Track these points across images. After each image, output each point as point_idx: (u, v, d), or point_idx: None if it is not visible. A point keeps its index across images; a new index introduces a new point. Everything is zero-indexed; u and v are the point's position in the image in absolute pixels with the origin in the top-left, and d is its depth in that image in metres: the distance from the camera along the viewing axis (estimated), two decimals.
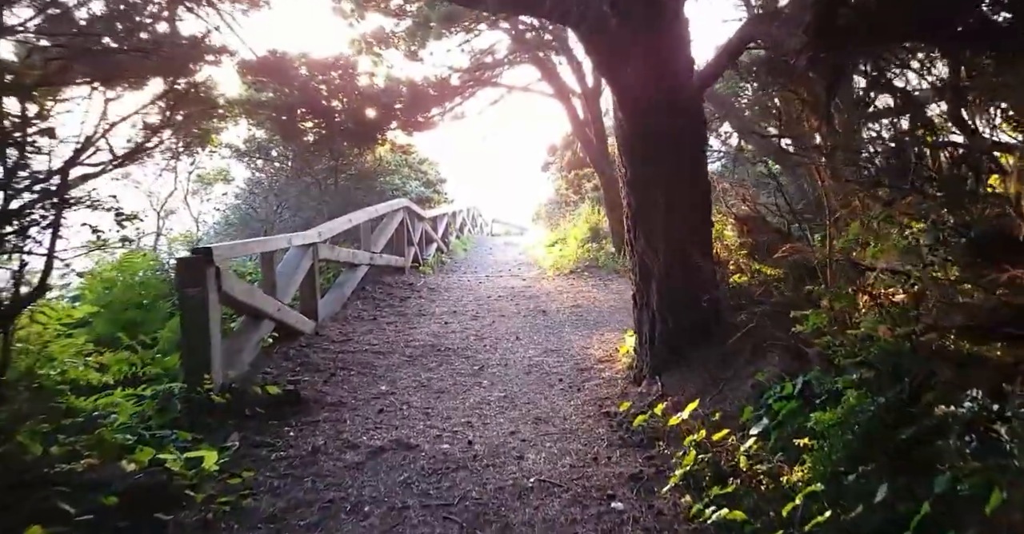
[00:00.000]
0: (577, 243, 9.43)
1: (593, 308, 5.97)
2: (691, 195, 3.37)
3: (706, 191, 3.43)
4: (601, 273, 7.95)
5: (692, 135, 3.32)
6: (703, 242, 3.48)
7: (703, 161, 3.41)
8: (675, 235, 3.38)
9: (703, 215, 3.46)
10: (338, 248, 5.74)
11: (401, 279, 7.73)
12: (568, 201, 14.24)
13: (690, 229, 3.41)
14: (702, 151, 3.42)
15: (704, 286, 3.47)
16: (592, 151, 8.39)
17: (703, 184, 3.41)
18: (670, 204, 3.35)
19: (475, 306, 6.27)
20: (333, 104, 7.77)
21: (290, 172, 7.67)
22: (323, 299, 5.40)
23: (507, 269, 10.86)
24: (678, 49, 3.14)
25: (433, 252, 10.81)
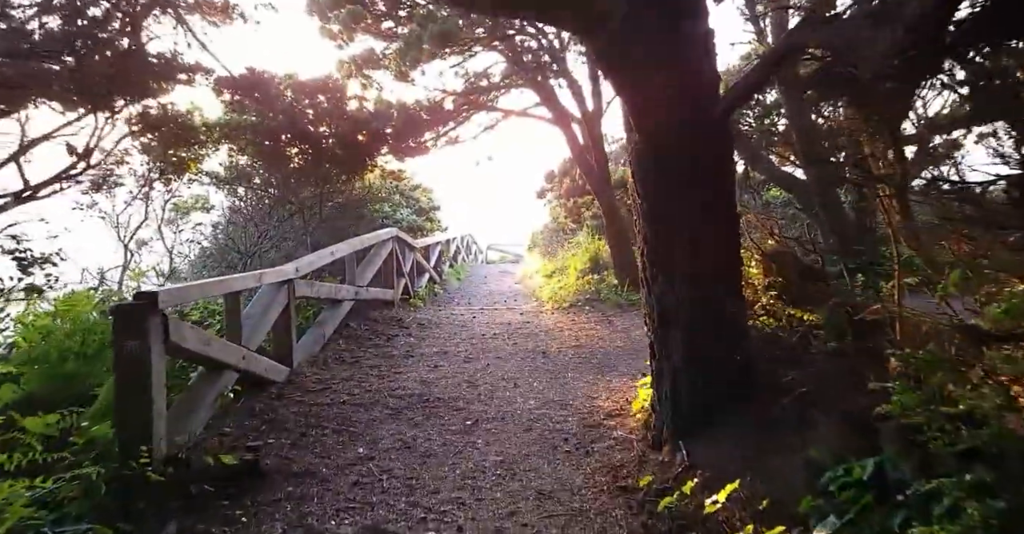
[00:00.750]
0: (577, 274, 9.02)
1: (597, 348, 5.50)
2: (719, 230, 2.96)
3: (735, 226, 3.03)
4: (604, 307, 7.50)
5: (720, 161, 2.94)
6: (732, 285, 3.06)
7: (732, 191, 3.02)
8: (701, 276, 2.96)
9: (732, 254, 3.05)
10: (318, 284, 5.29)
11: (389, 314, 7.26)
12: (566, 229, 13.91)
13: (718, 270, 2.99)
14: (731, 180, 3.03)
15: (735, 336, 3.04)
16: (593, 178, 8.06)
17: (732, 218, 3.00)
18: (695, 240, 2.94)
19: (468, 345, 5.80)
20: (320, 129, 7.43)
21: (272, 200, 7.28)
22: (300, 341, 4.92)
23: (503, 300, 10.41)
24: (703, 64, 2.79)
25: (425, 283, 10.37)
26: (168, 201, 6.86)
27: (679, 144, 2.85)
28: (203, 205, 7.04)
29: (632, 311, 7.10)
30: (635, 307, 7.28)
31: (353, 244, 6.25)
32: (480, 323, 7.08)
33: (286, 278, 4.37)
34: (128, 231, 6.55)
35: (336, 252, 5.62)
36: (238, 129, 6.45)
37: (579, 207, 11.32)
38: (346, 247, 5.99)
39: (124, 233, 6.53)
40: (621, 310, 7.20)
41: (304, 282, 4.87)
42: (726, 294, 3.04)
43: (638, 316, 6.86)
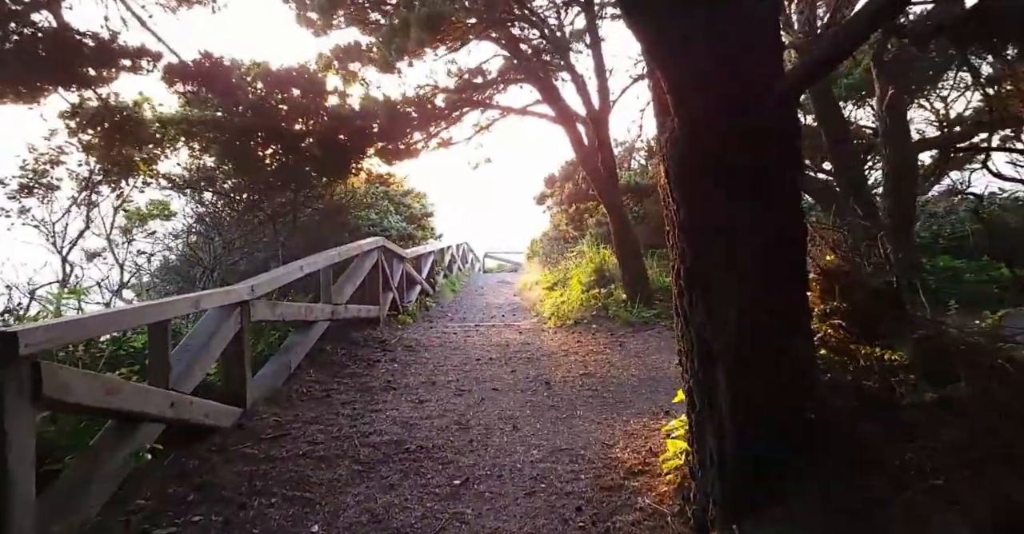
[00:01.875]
0: (581, 287, 8.34)
1: (610, 378, 4.80)
2: (781, 246, 2.28)
3: (801, 241, 2.34)
4: (612, 326, 6.81)
5: (782, 157, 2.26)
6: (797, 315, 2.38)
7: (798, 197, 2.35)
8: (757, 304, 2.28)
9: (796, 276, 2.37)
10: (284, 304, 4.60)
11: (373, 334, 6.56)
12: (567, 237, 13.25)
13: (778, 296, 2.31)
14: (795, 180, 2.35)
15: (802, 382, 2.35)
16: (599, 182, 7.40)
17: (797, 231, 2.32)
18: (749, 258, 2.26)
19: (460, 373, 5.10)
20: (296, 127, 6.77)
21: (241, 207, 6.61)
22: (258, 374, 4.23)
23: (500, 315, 9.72)
24: (767, 30, 2.13)
25: (416, 296, 9.68)
26: (119, 207, 6.18)
27: (731, 134, 2.18)
28: (163, 212, 6.37)
29: (645, 331, 6.42)
30: (648, 326, 6.60)
31: (329, 256, 5.56)
32: (475, 344, 6.38)
33: (237, 300, 3.68)
34: (68, 241, 5.85)
35: (307, 266, 4.93)
36: (199, 126, 5.78)
37: (582, 213, 10.66)
38: (320, 260, 5.30)
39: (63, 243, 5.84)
40: (633, 330, 6.51)
41: (264, 303, 4.18)
42: (789, 327, 2.36)
43: (653, 337, 6.19)
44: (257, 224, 6.57)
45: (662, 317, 6.78)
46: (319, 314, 5.27)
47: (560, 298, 8.55)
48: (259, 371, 4.33)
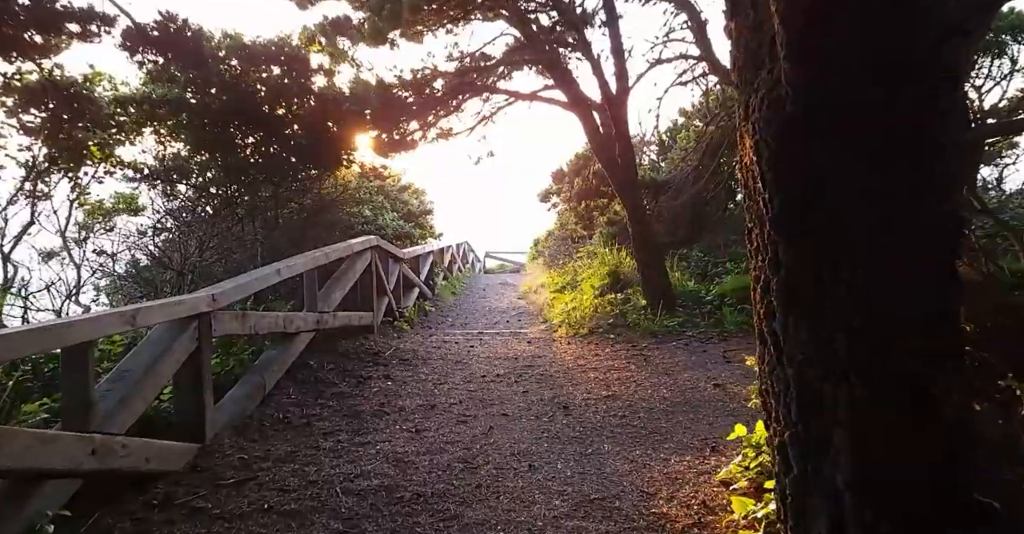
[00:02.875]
0: (594, 292, 7.69)
1: (638, 401, 4.16)
2: (924, 251, 1.64)
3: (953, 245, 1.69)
4: (632, 336, 6.17)
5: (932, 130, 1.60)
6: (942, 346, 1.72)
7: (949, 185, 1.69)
8: (889, 332, 1.64)
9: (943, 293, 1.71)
10: (256, 314, 3.95)
11: (365, 345, 5.93)
12: (574, 236, 12.61)
13: (918, 320, 1.66)
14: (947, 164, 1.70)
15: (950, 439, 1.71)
16: (616, 175, 6.75)
17: (948, 231, 1.67)
18: (879, 269, 1.62)
19: (464, 394, 4.45)
20: (278, 111, 6.12)
21: (217, 201, 5.95)
22: (224, 398, 3.59)
23: (505, 321, 9.09)
24: None
25: (414, 300, 9.04)
26: (76, 200, 5.52)
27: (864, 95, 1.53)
28: (129, 206, 5.72)
29: (670, 342, 5.77)
30: (673, 336, 5.96)
31: (314, 258, 4.92)
32: (479, 356, 5.74)
33: (193, 313, 3.03)
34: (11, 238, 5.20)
35: (287, 269, 4.28)
36: (165, 107, 5.13)
37: (591, 211, 10.02)
38: (303, 262, 4.66)
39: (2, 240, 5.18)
40: (656, 341, 5.86)
41: (231, 315, 3.53)
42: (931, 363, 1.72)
43: (681, 350, 5.53)
44: (235, 221, 5.93)
45: (688, 326, 6.14)
46: (301, 324, 4.62)
47: (571, 303, 7.91)
48: (227, 394, 3.68)
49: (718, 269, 7.57)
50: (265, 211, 6.16)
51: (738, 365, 4.79)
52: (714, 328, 5.99)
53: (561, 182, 10.76)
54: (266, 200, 6.20)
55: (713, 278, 7.31)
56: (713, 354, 5.19)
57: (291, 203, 6.73)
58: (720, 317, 6.17)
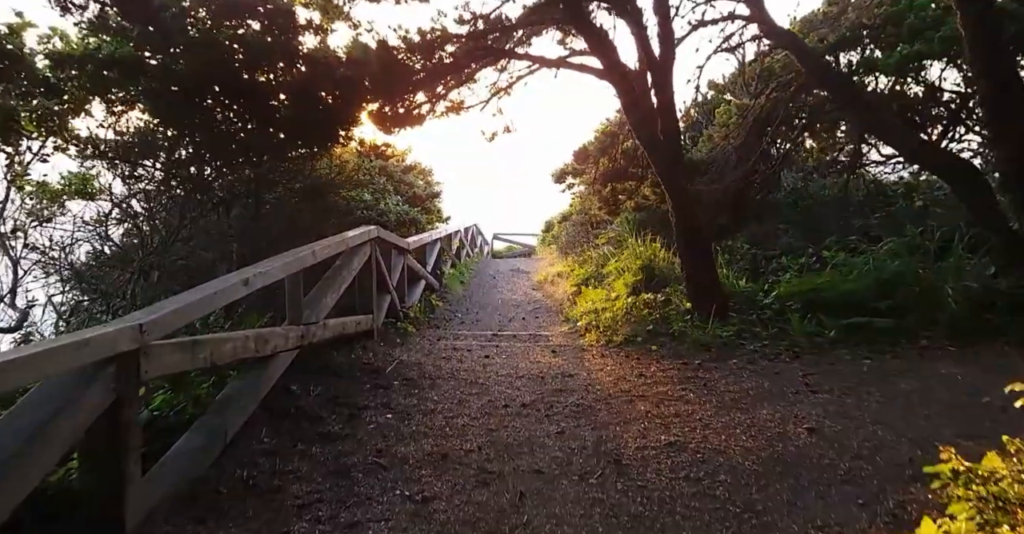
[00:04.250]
0: (627, 289, 6.70)
1: (711, 452, 3.19)
2: None
3: None
4: (679, 349, 5.20)
5: None
6: None
7: None
8: None
9: None
10: (214, 339, 2.99)
11: (363, 358, 5.03)
12: (594, 221, 11.57)
13: None
14: None
15: None
16: (658, 152, 5.71)
17: None
18: None
19: (482, 434, 3.52)
20: (259, 77, 5.10)
21: (189, 186, 4.95)
22: (163, 460, 2.66)
23: (520, 318, 8.15)
24: None
25: (420, 294, 8.11)
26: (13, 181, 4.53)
27: None
28: (83, 189, 4.76)
29: (728, 359, 4.80)
30: (729, 350, 4.99)
31: (298, 259, 3.95)
32: (497, 373, 4.81)
33: (107, 355, 2.09)
34: None
35: (259, 278, 3.32)
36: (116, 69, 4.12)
37: (617, 194, 8.96)
38: (281, 265, 3.69)
39: None
40: (710, 357, 4.89)
41: (172, 346, 2.59)
42: None
43: (746, 372, 4.48)
44: (210, 208, 4.96)
45: (746, 337, 5.17)
46: (280, 343, 3.69)
47: (598, 302, 6.94)
48: (170, 450, 2.76)
49: (771, 264, 6.55)
50: (246, 197, 5.18)
51: (827, 396, 3.83)
52: (779, 341, 5.01)
53: (584, 162, 9.70)
54: (247, 184, 5.22)
55: (766, 276, 6.30)
56: (789, 378, 4.22)
57: (277, 187, 5.73)
58: (784, 326, 5.18)
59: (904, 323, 4.77)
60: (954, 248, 5.15)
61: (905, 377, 4.06)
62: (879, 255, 5.54)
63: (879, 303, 4.97)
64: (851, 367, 4.37)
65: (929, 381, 3.99)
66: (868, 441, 3.15)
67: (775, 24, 6.77)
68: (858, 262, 5.69)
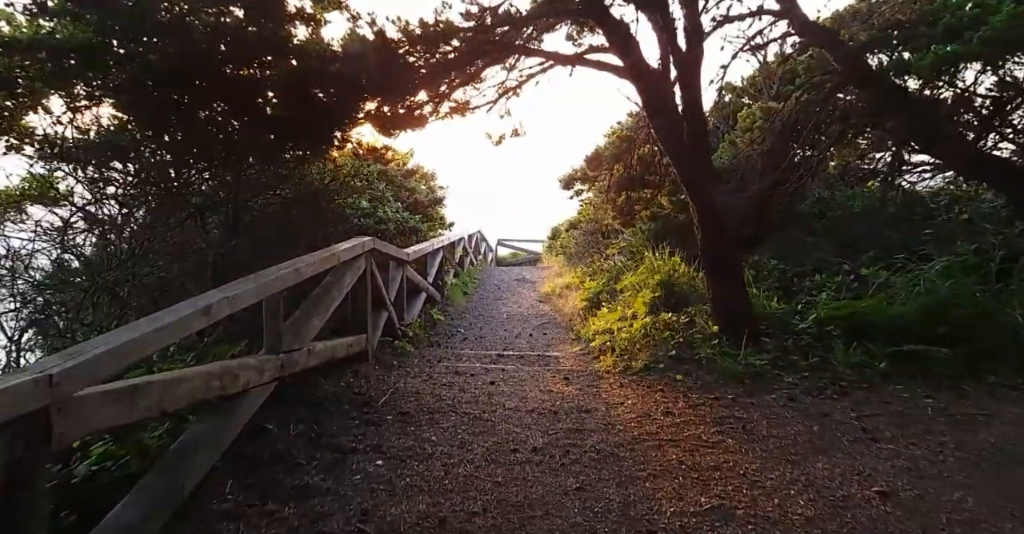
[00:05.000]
0: (646, 307, 6.17)
1: (766, 521, 2.65)
2: None
3: None
4: (707, 379, 4.66)
5: None
6: None
7: None
8: None
9: None
10: (163, 380, 2.46)
11: (354, 385, 4.53)
12: (604, 231, 11.04)
13: None
14: None
15: None
16: (683, 157, 5.20)
17: None
18: None
19: (489, 489, 2.98)
20: (243, 72, 4.60)
21: (164, 191, 4.41)
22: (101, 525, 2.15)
23: (528, 334, 7.63)
24: None
25: (420, 308, 7.60)
26: None
27: None
28: (44, 194, 4.26)
29: (765, 393, 4.26)
30: (764, 383, 4.44)
31: (280, 278, 3.43)
32: (504, 405, 4.27)
33: None
34: None
35: (224, 304, 2.79)
36: (75, 56, 3.62)
37: (633, 204, 8.43)
38: (256, 288, 3.17)
39: None
40: (744, 391, 4.34)
41: (102, 395, 2.08)
42: None
43: (789, 411, 3.81)
44: (185, 217, 4.44)
45: (783, 367, 4.62)
46: (253, 377, 3.17)
47: (613, 321, 6.41)
48: (103, 520, 2.23)
49: (804, 282, 6.00)
50: (228, 204, 4.66)
51: (891, 447, 3.29)
52: (821, 372, 4.46)
53: (598, 168, 9.18)
54: (229, 190, 4.70)
55: (800, 295, 5.75)
56: (841, 421, 3.68)
57: (264, 194, 5.21)
58: (825, 355, 4.64)
59: (962, 354, 4.22)
60: (1019, 270, 4.59)
61: (982, 424, 3.51)
62: (928, 275, 4.99)
63: (932, 330, 4.42)
64: (911, 407, 3.82)
65: (1012, 429, 3.44)
66: (956, 512, 2.60)
67: (808, 19, 6.27)
68: (904, 282, 5.15)
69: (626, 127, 9.59)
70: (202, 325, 2.68)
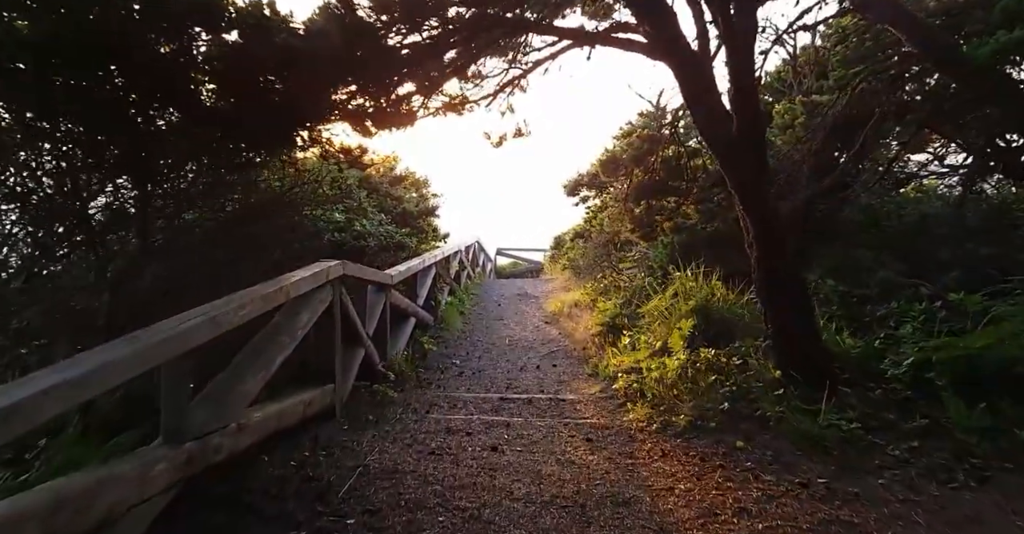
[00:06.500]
0: (683, 341, 5.06)
1: None
2: None
3: None
4: (775, 445, 3.55)
5: None
6: None
7: None
8: None
9: None
10: None
11: (308, 463, 3.40)
12: (617, 242, 9.96)
13: None
14: None
15: None
16: (736, 160, 4.11)
17: None
18: None
19: None
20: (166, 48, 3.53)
21: (53, 204, 3.32)
22: None
23: (535, 366, 6.53)
24: None
25: (407, 338, 6.51)
26: None
27: None
28: None
29: (868, 471, 3.15)
30: (865, 456, 3.34)
31: (180, 335, 2.33)
32: (511, 496, 3.16)
33: None
34: None
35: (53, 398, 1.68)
36: None
37: (654, 213, 7.35)
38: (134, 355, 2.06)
39: None
40: (835, 466, 3.22)
41: None
42: None
43: (918, 508, 2.63)
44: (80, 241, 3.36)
45: (879, 431, 3.51)
46: (130, 494, 2.06)
47: (642, 357, 5.31)
48: None
49: (877, 310, 4.90)
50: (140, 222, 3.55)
51: None
52: (935, 440, 3.36)
53: (614, 173, 8.11)
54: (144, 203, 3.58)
55: (873, 327, 4.67)
56: (1000, 528, 2.56)
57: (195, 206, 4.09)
58: (931, 411, 3.55)
59: None
60: None
61: None
62: None
63: None
64: None
65: None
66: None
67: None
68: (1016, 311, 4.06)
69: (641, 126, 8.53)
70: (6, 438, 1.57)
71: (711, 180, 7.04)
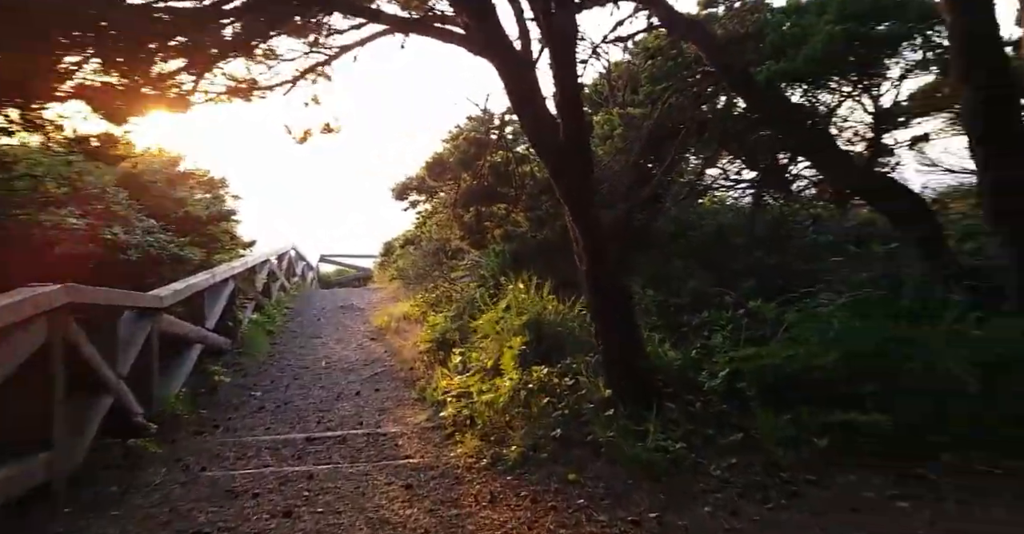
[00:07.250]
0: (514, 361, 4.73)
1: None
2: None
3: None
4: (608, 473, 3.36)
5: None
6: None
7: None
8: None
9: None
10: None
11: None
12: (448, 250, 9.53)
13: None
14: None
15: None
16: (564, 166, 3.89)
17: None
18: None
19: None
20: None
21: None
22: None
23: (354, 394, 5.82)
24: None
25: (190, 370, 5.33)
26: None
27: None
28: None
29: (697, 497, 3.05)
30: (691, 481, 3.26)
31: None
32: None
33: None
34: None
35: None
36: None
37: (484, 221, 7.05)
38: None
39: None
40: (665, 496, 3.08)
41: None
42: None
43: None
44: None
45: (701, 448, 3.48)
46: None
47: (472, 380, 4.89)
48: None
49: (692, 319, 5.07)
50: None
51: None
52: (750, 454, 3.41)
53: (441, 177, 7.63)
54: None
55: (689, 337, 4.80)
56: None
57: None
58: (744, 424, 3.63)
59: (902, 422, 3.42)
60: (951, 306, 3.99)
61: None
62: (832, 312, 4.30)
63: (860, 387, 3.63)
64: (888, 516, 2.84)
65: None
66: None
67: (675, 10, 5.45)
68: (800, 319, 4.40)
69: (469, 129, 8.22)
70: None
71: (539, 187, 6.94)
